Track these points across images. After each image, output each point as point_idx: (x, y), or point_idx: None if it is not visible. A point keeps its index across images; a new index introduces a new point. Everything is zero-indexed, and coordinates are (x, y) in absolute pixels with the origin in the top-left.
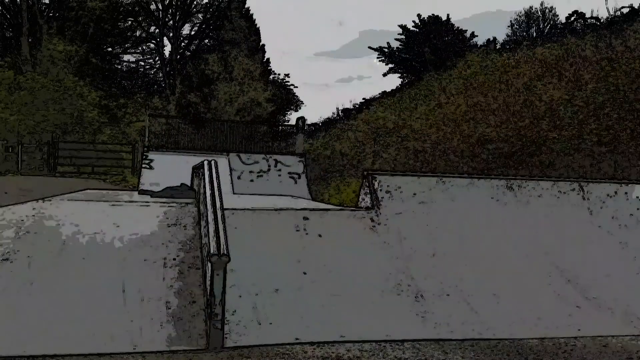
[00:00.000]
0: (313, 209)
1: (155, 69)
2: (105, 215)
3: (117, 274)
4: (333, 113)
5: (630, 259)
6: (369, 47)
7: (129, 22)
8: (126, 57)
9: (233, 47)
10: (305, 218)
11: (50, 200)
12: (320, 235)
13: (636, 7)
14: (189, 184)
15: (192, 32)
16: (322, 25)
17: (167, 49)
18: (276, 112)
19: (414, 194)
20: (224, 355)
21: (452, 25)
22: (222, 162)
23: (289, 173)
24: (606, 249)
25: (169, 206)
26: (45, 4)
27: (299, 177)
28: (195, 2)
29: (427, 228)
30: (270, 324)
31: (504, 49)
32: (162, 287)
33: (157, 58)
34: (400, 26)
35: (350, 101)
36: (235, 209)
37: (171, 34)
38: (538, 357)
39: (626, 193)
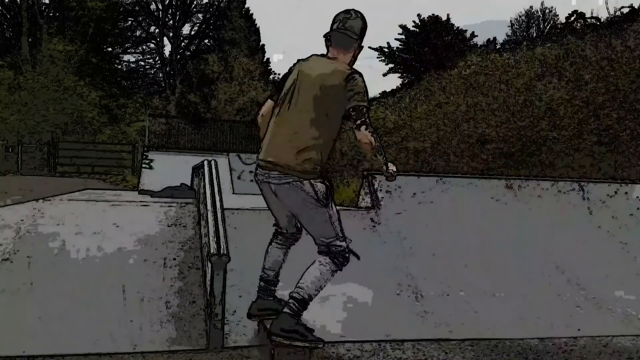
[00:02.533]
0: None
1: (155, 69)
2: (105, 215)
3: (117, 274)
4: None
5: (630, 259)
6: (369, 47)
7: (129, 22)
8: (126, 57)
9: (233, 47)
10: None
11: (50, 200)
12: None
13: (636, 7)
14: (189, 184)
15: (192, 32)
16: (322, 25)
17: (167, 49)
18: None
19: (414, 194)
20: (224, 355)
21: (452, 25)
22: (222, 162)
23: None
24: (606, 249)
25: (169, 206)
26: (45, 4)
27: None
28: (195, 2)
29: (427, 228)
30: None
31: (504, 49)
32: (162, 287)
33: (157, 58)
34: (401, 26)
35: None
36: (235, 209)
37: (171, 34)
38: (538, 357)
39: (626, 193)
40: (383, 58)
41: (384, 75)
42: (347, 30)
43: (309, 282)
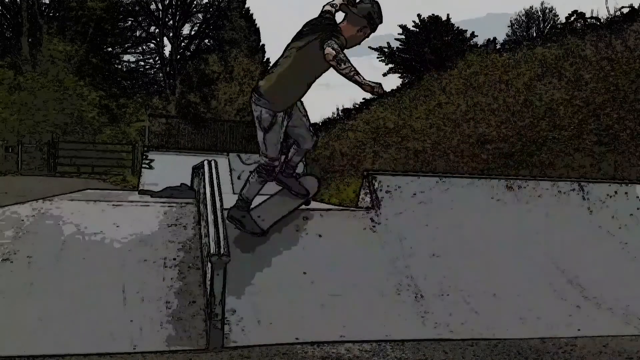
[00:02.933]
0: (313, 209)
1: (155, 69)
2: (105, 215)
3: (117, 274)
4: (333, 113)
5: (630, 259)
6: (369, 47)
7: (129, 22)
8: (126, 57)
9: (233, 47)
10: (305, 218)
11: (50, 200)
12: (320, 235)
13: (636, 7)
14: (189, 184)
15: (192, 32)
16: None
17: (167, 49)
18: None
19: (414, 194)
20: (224, 355)
21: (452, 25)
22: (222, 162)
23: None
24: (606, 249)
25: (169, 206)
26: (45, 4)
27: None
28: (195, 2)
29: (427, 228)
30: (271, 323)
31: (504, 49)
32: (162, 287)
33: (157, 58)
34: (400, 26)
35: (350, 101)
36: None
37: (171, 34)
38: (538, 357)
39: (626, 193)
40: (383, 58)
41: (384, 75)
42: (353, 7)
43: (247, 190)
